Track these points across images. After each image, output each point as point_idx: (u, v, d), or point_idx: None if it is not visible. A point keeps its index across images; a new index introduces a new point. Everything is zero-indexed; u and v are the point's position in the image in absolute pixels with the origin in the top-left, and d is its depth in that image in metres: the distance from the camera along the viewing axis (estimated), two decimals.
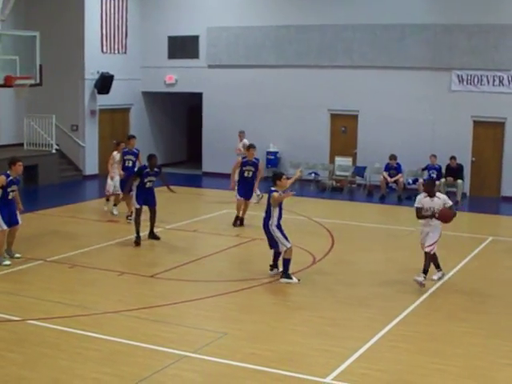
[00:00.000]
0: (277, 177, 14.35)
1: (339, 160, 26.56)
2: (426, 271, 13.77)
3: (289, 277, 14.14)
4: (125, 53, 29.38)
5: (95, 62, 27.87)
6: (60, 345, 10.76)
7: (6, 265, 15.00)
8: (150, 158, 17.46)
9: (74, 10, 27.34)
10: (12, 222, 15.30)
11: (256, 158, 19.47)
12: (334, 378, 9.68)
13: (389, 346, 10.99)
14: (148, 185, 17.26)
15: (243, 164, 19.30)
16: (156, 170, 17.40)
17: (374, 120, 26.29)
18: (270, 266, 14.59)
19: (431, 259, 13.90)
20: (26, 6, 26.86)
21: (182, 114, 32.66)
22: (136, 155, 19.72)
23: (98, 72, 27.85)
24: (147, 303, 12.82)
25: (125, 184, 18.84)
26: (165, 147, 31.59)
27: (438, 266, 14.18)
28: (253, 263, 15.44)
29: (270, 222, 14.10)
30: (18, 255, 15.53)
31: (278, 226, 14.18)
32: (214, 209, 21.94)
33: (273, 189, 14.13)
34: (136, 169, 18.42)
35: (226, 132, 28.27)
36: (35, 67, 18.02)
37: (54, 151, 27.09)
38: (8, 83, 17.27)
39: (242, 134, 24.96)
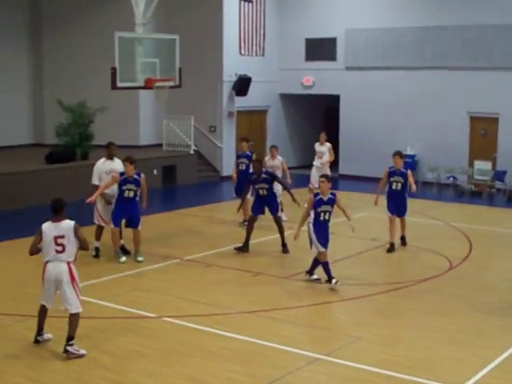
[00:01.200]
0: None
1: (478, 164, 25.87)
2: None
3: (312, 273, 14.25)
4: (262, 55, 29.66)
5: (233, 64, 28.27)
6: (193, 342, 10.94)
7: (123, 262, 15.22)
8: (253, 163, 16.77)
9: (213, 13, 27.87)
10: (131, 224, 15.39)
11: (404, 168, 17.15)
12: None
13: None
14: (261, 192, 16.44)
15: (390, 174, 16.92)
16: (265, 176, 16.35)
17: None
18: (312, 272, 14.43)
19: None
20: (167, 10, 27.45)
21: (319, 116, 32.61)
22: (249, 158, 19.22)
23: (236, 74, 28.21)
24: (281, 304, 12.86)
25: (239, 188, 18.85)
26: (301, 149, 31.60)
27: None
28: (388, 268, 15.21)
29: (308, 219, 13.99)
30: (140, 258, 15.49)
31: (314, 225, 13.94)
32: (352, 211, 21.69)
33: (317, 192, 14.25)
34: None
35: (364, 134, 28.12)
36: (175, 70, 18.33)
37: (192, 152, 27.64)
38: (148, 85, 17.64)
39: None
